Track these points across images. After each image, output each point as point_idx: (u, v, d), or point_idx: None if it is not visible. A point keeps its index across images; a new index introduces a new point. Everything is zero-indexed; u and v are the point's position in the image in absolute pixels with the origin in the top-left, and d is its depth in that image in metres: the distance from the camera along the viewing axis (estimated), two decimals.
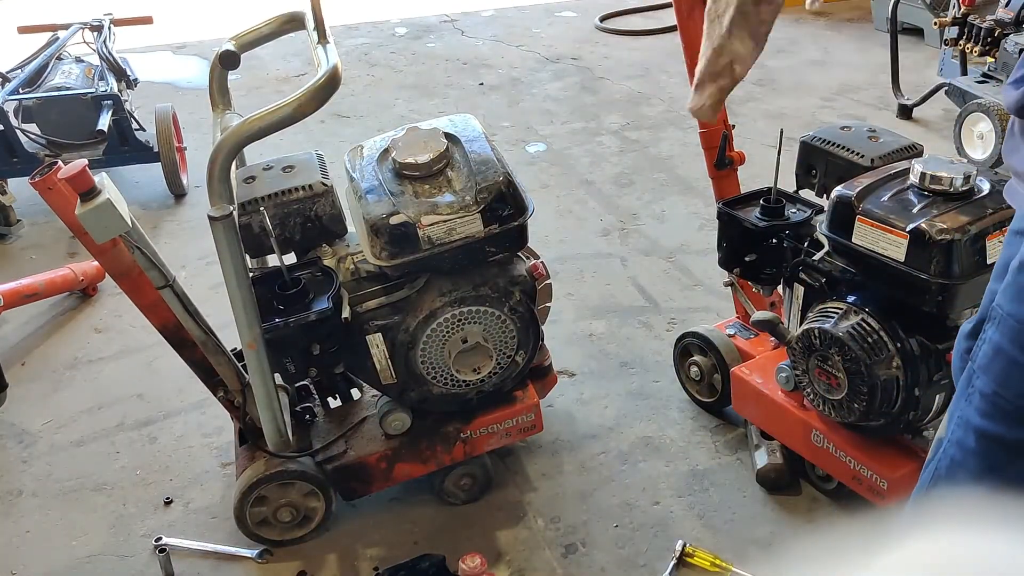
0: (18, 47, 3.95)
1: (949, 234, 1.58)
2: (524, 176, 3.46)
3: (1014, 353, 1.00)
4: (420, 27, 5.72)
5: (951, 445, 1.11)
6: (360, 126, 4.22)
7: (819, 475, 2.04)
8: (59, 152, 3.39)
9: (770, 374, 2.03)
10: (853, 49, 5.00)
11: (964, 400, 1.09)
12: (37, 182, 1.60)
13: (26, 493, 2.19)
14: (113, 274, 1.71)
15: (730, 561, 1.88)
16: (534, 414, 2.05)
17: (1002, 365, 1.02)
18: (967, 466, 1.08)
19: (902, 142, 1.99)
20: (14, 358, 2.69)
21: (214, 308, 2.07)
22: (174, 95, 4.58)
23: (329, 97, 1.58)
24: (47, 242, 3.30)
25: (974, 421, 1.07)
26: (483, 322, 1.88)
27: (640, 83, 4.64)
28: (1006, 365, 1.02)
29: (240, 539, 1.99)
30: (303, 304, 1.78)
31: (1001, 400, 1.03)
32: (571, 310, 2.80)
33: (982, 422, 1.06)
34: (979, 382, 1.06)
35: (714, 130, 2.10)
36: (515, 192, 1.82)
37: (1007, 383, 1.02)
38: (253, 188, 1.91)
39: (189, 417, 2.41)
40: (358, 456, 1.96)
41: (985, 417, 1.05)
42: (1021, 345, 1.00)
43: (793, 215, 1.95)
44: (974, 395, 1.07)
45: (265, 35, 2.01)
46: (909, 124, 4.00)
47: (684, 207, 3.40)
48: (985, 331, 1.06)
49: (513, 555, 1.95)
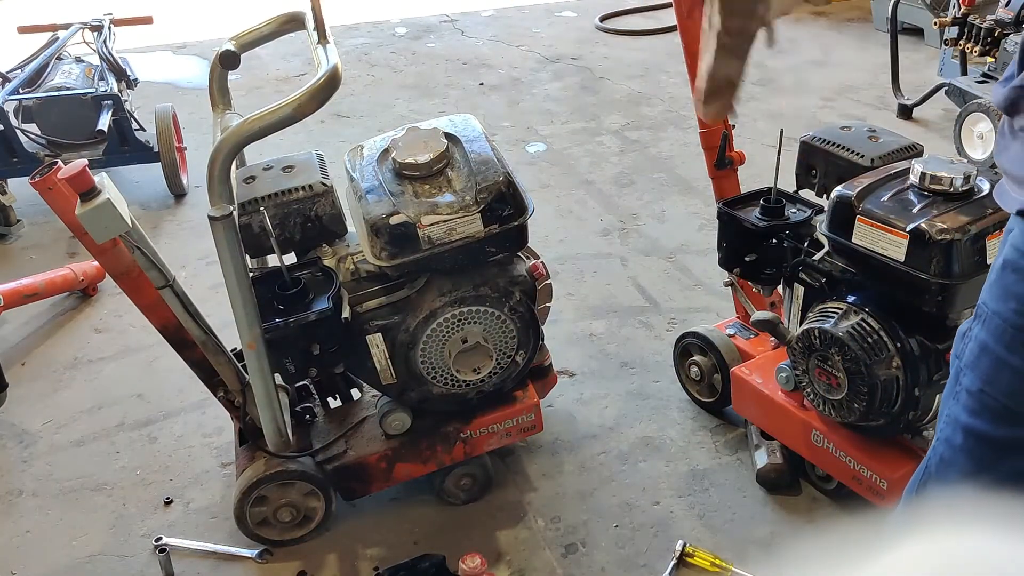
0: (18, 47, 3.95)
1: (949, 234, 1.58)
2: (524, 176, 3.46)
3: (999, 351, 1.01)
4: (420, 27, 5.72)
5: (940, 443, 1.12)
6: (360, 126, 4.21)
7: (819, 475, 2.04)
8: (59, 152, 3.39)
9: (770, 374, 2.03)
10: (853, 49, 5.00)
11: (952, 398, 1.09)
12: (37, 182, 1.60)
13: (26, 493, 2.19)
14: (113, 274, 1.71)
15: (730, 561, 1.88)
16: (534, 414, 2.05)
17: (988, 363, 1.03)
18: (956, 464, 1.09)
19: (902, 142, 1.99)
20: (14, 358, 2.69)
21: (214, 308, 2.08)
22: (174, 95, 4.58)
23: (329, 97, 1.58)
24: (47, 242, 3.30)
25: (962, 419, 1.07)
26: (483, 322, 1.88)
27: (640, 83, 4.64)
28: (992, 363, 1.02)
29: (240, 539, 1.99)
30: (303, 304, 1.77)
31: (987, 398, 1.03)
32: (571, 310, 2.80)
33: (969, 420, 1.06)
34: (966, 380, 1.06)
35: (714, 130, 2.10)
36: (515, 192, 1.82)
37: (993, 381, 1.02)
38: (253, 188, 1.91)
39: (189, 417, 2.41)
40: (358, 456, 1.96)
41: (972, 415, 1.05)
42: (1006, 343, 1.00)
43: (793, 215, 1.95)
44: (961, 393, 1.07)
45: (265, 35, 2.01)
46: (909, 124, 4.00)
47: (684, 207, 3.40)
48: (972, 329, 1.06)
49: (513, 555, 1.95)
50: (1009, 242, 1.01)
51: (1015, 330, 0.99)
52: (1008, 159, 1.02)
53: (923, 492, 1.15)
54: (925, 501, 1.15)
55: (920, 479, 1.16)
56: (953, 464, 1.09)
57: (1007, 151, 1.02)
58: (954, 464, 1.09)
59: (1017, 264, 0.98)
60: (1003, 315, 1.00)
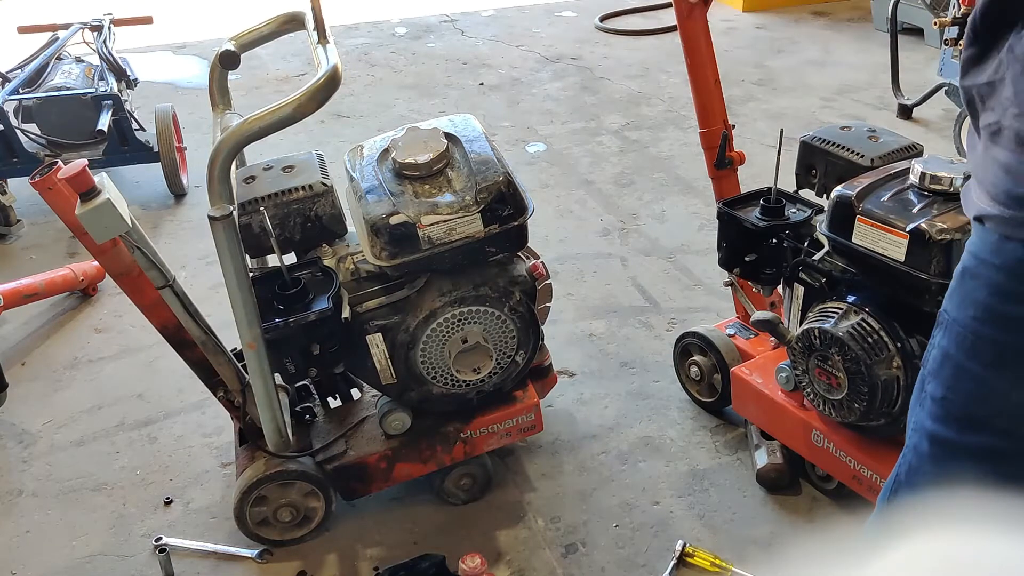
0: (18, 47, 3.95)
1: (949, 234, 1.58)
2: (524, 176, 3.47)
3: (959, 358, 1.01)
4: (420, 27, 5.72)
5: (909, 451, 1.11)
6: (360, 126, 4.22)
7: (819, 475, 2.04)
8: (59, 152, 3.39)
9: (770, 374, 2.03)
10: (853, 49, 5.00)
11: (918, 405, 1.09)
12: (37, 182, 1.60)
13: (26, 493, 2.19)
14: (113, 274, 1.71)
15: (730, 561, 1.88)
16: (534, 414, 2.05)
17: (950, 370, 1.03)
18: (923, 471, 1.08)
19: (902, 142, 1.99)
20: (14, 358, 2.69)
21: (214, 308, 2.08)
22: (174, 95, 4.59)
23: (329, 97, 1.58)
24: (47, 242, 3.30)
25: (927, 426, 1.07)
26: (483, 322, 1.88)
27: (640, 83, 4.64)
28: (953, 370, 1.02)
29: (240, 539, 1.99)
30: (303, 304, 1.78)
31: (950, 404, 1.03)
32: (571, 310, 2.80)
33: (934, 426, 1.06)
34: (930, 387, 1.06)
35: (714, 130, 2.10)
36: (515, 192, 1.82)
37: (955, 387, 1.02)
38: (253, 188, 1.91)
39: (189, 417, 2.41)
40: (358, 456, 1.96)
41: (937, 421, 1.05)
42: (966, 350, 1.00)
43: (793, 215, 1.95)
44: (926, 400, 1.07)
45: (265, 35, 2.01)
46: (909, 124, 4.00)
47: (684, 207, 3.40)
48: (934, 336, 1.06)
49: (513, 555, 1.95)
50: (967, 248, 1.00)
51: (974, 336, 0.99)
52: (974, 160, 1.00)
53: (894, 500, 1.15)
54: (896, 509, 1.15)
55: (891, 487, 1.16)
56: (921, 471, 1.09)
57: (973, 151, 1.00)
58: (921, 471, 1.09)
59: (975, 271, 0.98)
60: (962, 322, 1.00)
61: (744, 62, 4.85)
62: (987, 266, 0.96)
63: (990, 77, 0.95)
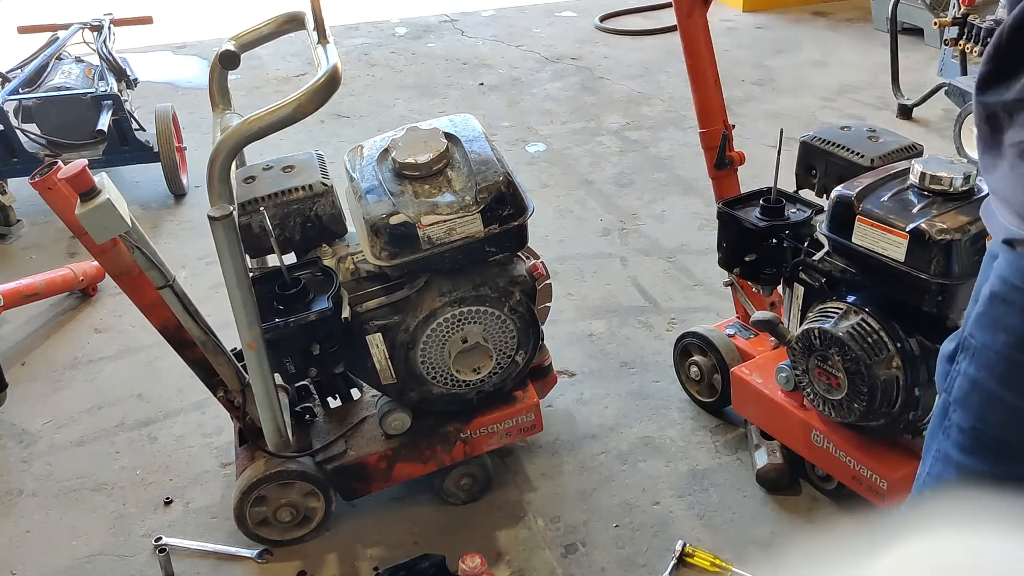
0: (18, 47, 3.95)
1: (949, 234, 1.58)
2: (524, 176, 3.47)
3: (991, 385, 0.95)
4: (420, 27, 5.72)
5: (931, 479, 1.06)
6: (360, 126, 4.21)
7: (819, 475, 2.04)
8: (59, 152, 3.39)
9: (770, 374, 2.03)
10: (853, 49, 5.00)
11: (941, 433, 1.03)
12: (37, 182, 1.60)
13: (26, 493, 2.19)
14: (113, 274, 1.71)
15: (730, 561, 1.88)
16: (534, 414, 2.05)
17: (980, 398, 0.97)
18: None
19: (902, 142, 1.99)
20: (14, 358, 2.69)
21: (214, 308, 2.07)
22: (174, 95, 4.58)
23: (329, 97, 1.58)
24: (47, 242, 3.30)
25: (954, 456, 1.01)
26: (483, 322, 1.88)
27: (640, 83, 4.64)
28: (984, 398, 0.96)
29: (240, 539, 1.99)
30: (303, 304, 1.77)
31: (982, 434, 0.98)
32: (571, 310, 2.80)
33: (962, 457, 1.00)
34: (956, 416, 1.00)
35: (714, 130, 2.10)
36: (515, 192, 1.82)
37: (986, 417, 0.97)
38: (253, 188, 1.91)
39: (189, 417, 2.41)
40: (358, 456, 1.96)
41: (965, 452, 1.00)
42: (999, 377, 0.94)
43: (793, 215, 1.95)
44: (951, 429, 1.01)
45: (265, 35, 2.01)
46: (909, 124, 4.00)
47: (684, 207, 3.40)
48: (959, 362, 0.99)
49: (513, 555, 1.95)
50: (995, 272, 0.94)
51: (1007, 363, 0.93)
52: (996, 179, 0.93)
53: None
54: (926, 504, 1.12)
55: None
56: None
57: (995, 169, 0.93)
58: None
59: (1008, 296, 0.92)
60: (994, 348, 0.94)
61: (744, 62, 4.85)
62: (1021, 292, 0.91)
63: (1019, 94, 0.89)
